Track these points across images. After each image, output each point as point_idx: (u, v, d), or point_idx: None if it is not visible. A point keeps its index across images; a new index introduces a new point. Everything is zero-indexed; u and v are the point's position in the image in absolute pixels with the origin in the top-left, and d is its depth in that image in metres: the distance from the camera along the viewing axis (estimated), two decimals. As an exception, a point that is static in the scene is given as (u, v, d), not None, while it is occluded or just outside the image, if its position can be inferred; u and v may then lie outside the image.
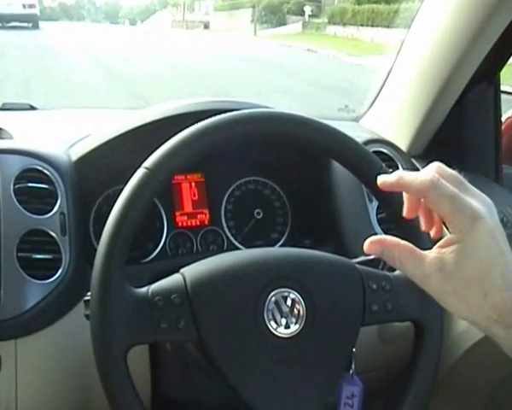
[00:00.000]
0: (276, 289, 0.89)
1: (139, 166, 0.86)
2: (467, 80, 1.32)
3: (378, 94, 1.53)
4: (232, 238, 1.36)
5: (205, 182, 1.39)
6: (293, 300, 0.90)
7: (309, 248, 0.97)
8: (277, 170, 1.39)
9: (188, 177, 1.38)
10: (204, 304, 0.86)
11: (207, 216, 1.38)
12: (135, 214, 0.85)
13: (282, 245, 1.37)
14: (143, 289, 0.87)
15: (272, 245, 1.35)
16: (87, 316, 0.86)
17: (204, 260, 0.91)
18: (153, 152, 0.87)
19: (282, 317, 0.89)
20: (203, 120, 0.88)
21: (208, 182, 1.38)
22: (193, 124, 0.88)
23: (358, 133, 1.37)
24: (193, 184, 1.39)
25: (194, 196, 1.39)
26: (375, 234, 1.28)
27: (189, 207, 1.38)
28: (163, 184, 0.86)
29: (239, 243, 1.36)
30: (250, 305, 0.87)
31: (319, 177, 1.33)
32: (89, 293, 0.86)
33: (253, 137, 0.92)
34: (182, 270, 0.90)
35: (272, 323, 0.89)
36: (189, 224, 1.36)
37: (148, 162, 0.86)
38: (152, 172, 0.85)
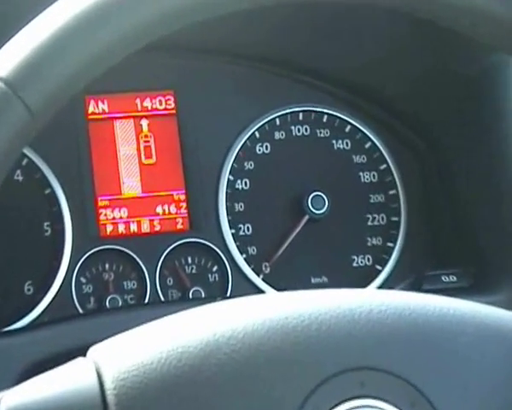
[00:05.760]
0: (349, 400, 0.56)
1: None
2: None
3: None
4: (246, 266, 1.00)
5: (178, 118, 1.00)
6: None
7: (452, 294, 0.63)
8: (371, 89, 1.07)
9: (131, 105, 1.00)
10: None
11: (184, 210, 1.01)
12: None
13: (382, 286, 1.04)
14: None
15: (357, 285, 0.95)
16: None
17: (161, 324, 0.59)
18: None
19: None
20: None
21: (187, 119, 1.02)
22: None
23: None
24: (145, 123, 0.99)
25: (150, 155, 0.99)
26: None
27: (133, 185, 0.99)
28: (40, 120, 0.59)
29: (264, 278, 1.00)
30: None
31: (480, 108, 1.03)
32: None
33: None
34: (93, 351, 0.59)
35: None
36: (134, 230, 1.00)
37: (3, 70, 0.61)
38: (12, 88, 0.59)
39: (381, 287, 1.05)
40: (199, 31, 0.73)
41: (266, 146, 1.04)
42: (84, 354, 0.59)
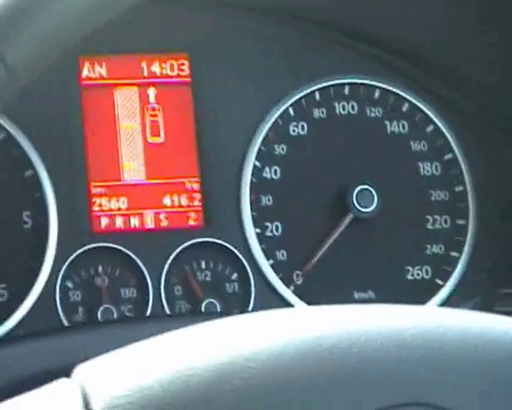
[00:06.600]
0: None
1: None
2: None
3: None
4: (274, 275, 0.88)
5: (193, 87, 0.89)
6: None
7: None
8: (438, 65, 0.95)
9: (135, 69, 0.91)
10: None
11: (198, 202, 0.90)
12: None
13: (443, 305, 0.94)
14: None
15: (411, 303, 0.65)
16: None
17: (164, 341, 0.51)
18: None
19: None
20: None
21: (204, 89, 0.91)
22: None
23: None
24: (152, 92, 0.88)
25: (157, 132, 0.89)
26: None
27: (136, 170, 0.89)
28: (20, 79, 0.51)
29: (295, 290, 0.89)
30: None
31: None
32: None
33: None
34: (79, 371, 0.51)
35: None
36: (135, 225, 0.90)
37: None
38: None
39: (441, 306, 0.95)
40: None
41: (302, 126, 0.94)
42: (68, 375, 0.50)
